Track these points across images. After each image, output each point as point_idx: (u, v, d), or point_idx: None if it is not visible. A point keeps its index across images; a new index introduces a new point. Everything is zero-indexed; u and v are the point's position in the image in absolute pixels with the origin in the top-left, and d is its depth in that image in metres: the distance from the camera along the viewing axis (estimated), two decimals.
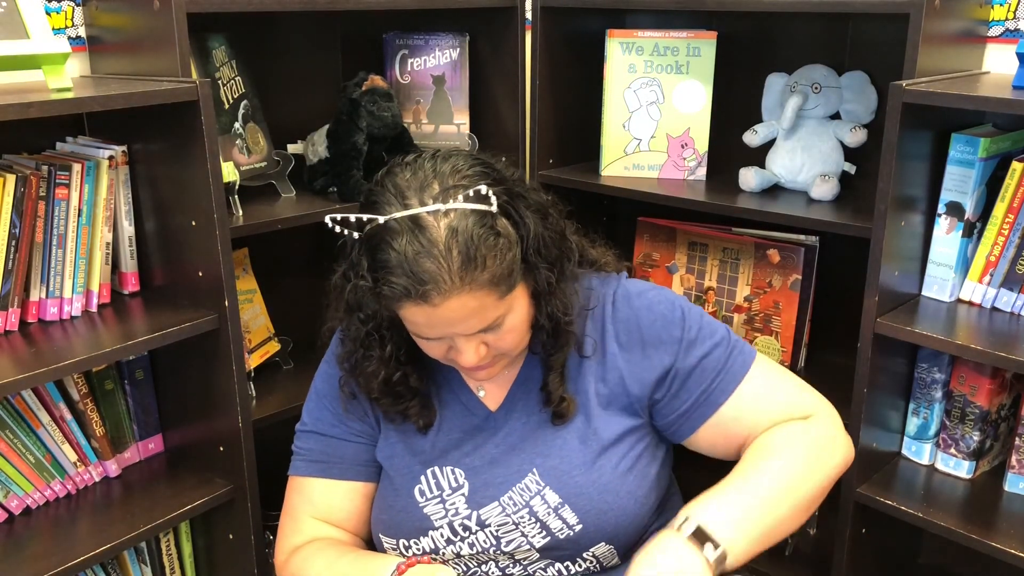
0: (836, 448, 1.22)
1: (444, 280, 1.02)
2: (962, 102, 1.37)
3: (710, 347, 1.23)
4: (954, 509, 1.52)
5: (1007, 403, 1.60)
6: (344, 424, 1.28)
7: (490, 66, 2.02)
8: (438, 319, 1.06)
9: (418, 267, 1.02)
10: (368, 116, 1.76)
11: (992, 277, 1.53)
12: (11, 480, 1.48)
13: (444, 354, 1.15)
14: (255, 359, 1.82)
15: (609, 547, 1.21)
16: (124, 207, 1.56)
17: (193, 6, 1.43)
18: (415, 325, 1.10)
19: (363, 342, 1.19)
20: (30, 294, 1.46)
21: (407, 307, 1.06)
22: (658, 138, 1.95)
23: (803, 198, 1.79)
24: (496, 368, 1.19)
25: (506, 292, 1.08)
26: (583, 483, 1.18)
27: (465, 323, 1.07)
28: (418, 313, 1.06)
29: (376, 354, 1.19)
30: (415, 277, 1.02)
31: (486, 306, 1.07)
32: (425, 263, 1.02)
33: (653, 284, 1.31)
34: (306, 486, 1.29)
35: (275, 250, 1.93)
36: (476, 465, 1.22)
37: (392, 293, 1.04)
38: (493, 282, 1.05)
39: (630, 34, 1.92)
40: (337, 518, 1.29)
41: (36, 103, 1.24)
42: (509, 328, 1.12)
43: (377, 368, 1.20)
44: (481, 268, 1.03)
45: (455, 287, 1.02)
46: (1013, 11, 1.61)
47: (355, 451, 1.28)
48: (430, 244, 1.02)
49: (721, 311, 1.92)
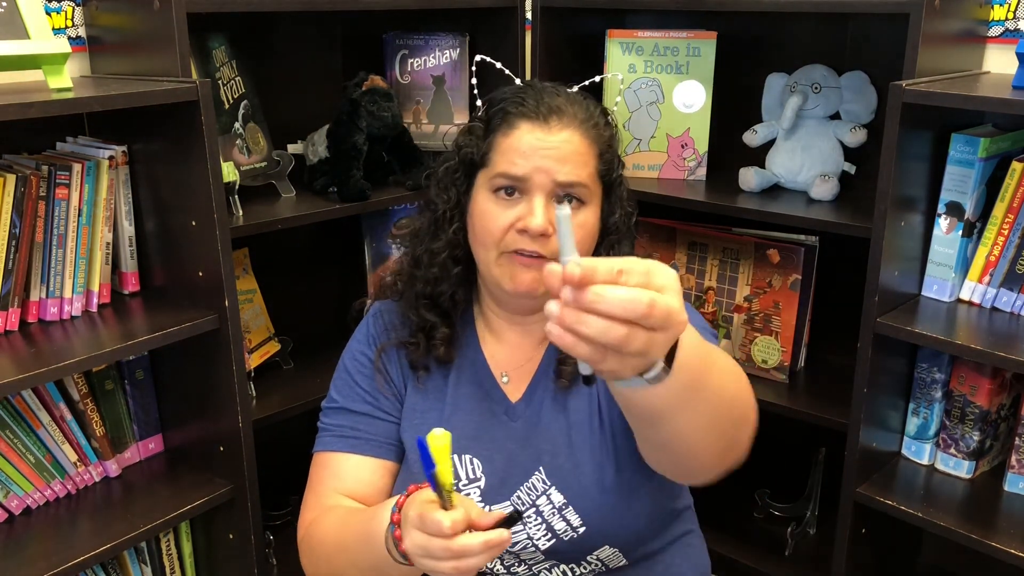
0: (752, 400, 1.02)
1: (568, 112, 1.16)
2: (962, 102, 1.37)
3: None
4: (954, 509, 1.52)
5: (1007, 403, 1.60)
6: (374, 402, 1.27)
7: (490, 66, 2.01)
8: (544, 144, 1.14)
9: (550, 98, 1.17)
10: (368, 116, 1.76)
11: (992, 277, 1.53)
12: (11, 480, 1.48)
13: (508, 225, 1.15)
14: (255, 359, 1.82)
15: (614, 550, 1.20)
16: (124, 207, 1.56)
17: (193, 6, 1.43)
18: (514, 152, 1.15)
19: (438, 222, 1.24)
20: (30, 294, 1.46)
21: (521, 126, 1.16)
22: (658, 138, 1.95)
23: (803, 198, 1.79)
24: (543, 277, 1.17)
25: (600, 170, 1.18)
26: (587, 484, 1.18)
27: (563, 162, 1.14)
28: (528, 134, 1.15)
29: (444, 235, 1.23)
30: (544, 102, 1.16)
31: (585, 160, 1.16)
32: (555, 98, 1.17)
33: None
34: (334, 461, 1.27)
35: (275, 250, 1.93)
36: (493, 458, 1.22)
37: (515, 111, 1.16)
38: (599, 143, 1.18)
39: (630, 34, 1.92)
40: (363, 493, 1.26)
41: (36, 103, 1.24)
42: (582, 221, 1.17)
43: (443, 246, 1.23)
44: (594, 127, 1.18)
45: (575, 122, 1.16)
46: (1013, 11, 1.61)
47: (385, 429, 1.27)
48: (563, 93, 1.19)
49: (721, 311, 1.92)
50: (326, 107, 1.90)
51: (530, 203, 1.14)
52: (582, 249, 1.18)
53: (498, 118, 1.18)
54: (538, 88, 1.20)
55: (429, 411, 1.26)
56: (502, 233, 1.16)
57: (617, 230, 1.23)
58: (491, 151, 1.18)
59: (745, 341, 1.89)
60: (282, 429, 1.71)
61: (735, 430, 0.97)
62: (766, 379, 1.86)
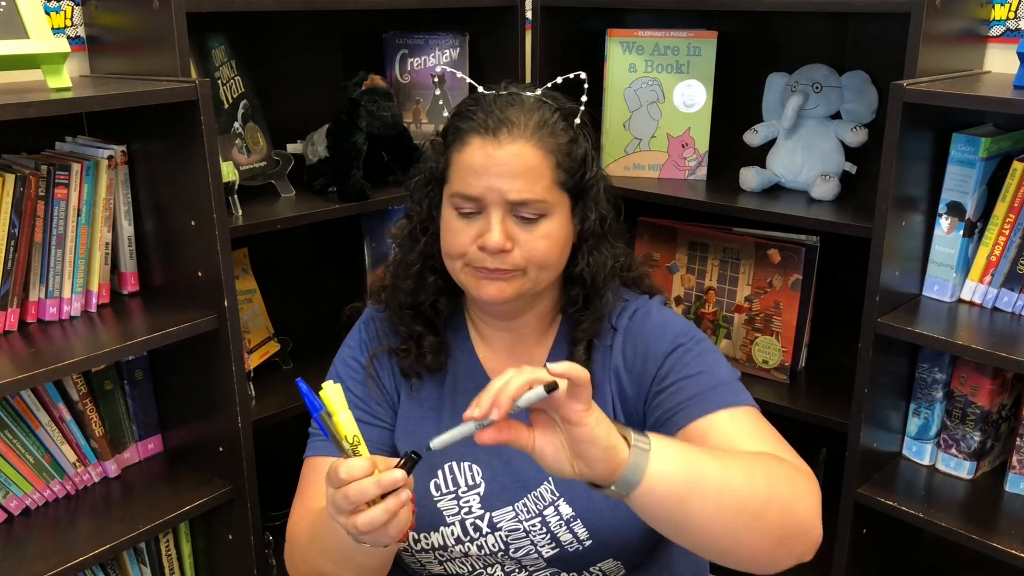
0: (801, 503, 1.02)
1: (519, 124, 1.13)
2: (963, 102, 1.36)
3: (696, 371, 1.16)
4: (955, 509, 1.51)
5: (1008, 403, 1.60)
6: (367, 408, 1.27)
7: (490, 66, 2.02)
8: (494, 161, 1.11)
9: (501, 110, 1.14)
10: (368, 116, 1.76)
11: (993, 277, 1.52)
12: (10, 480, 1.48)
13: (469, 241, 1.14)
14: (255, 359, 1.82)
15: (616, 562, 1.20)
16: (123, 207, 1.56)
17: (193, 6, 1.43)
18: (467, 171, 1.13)
19: (413, 233, 1.25)
20: (29, 294, 1.45)
21: (472, 142, 1.13)
22: (658, 138, 1.95)
23: (803, 198, 1.79)
24: (509, 288, 1.15)
25: (559, 179, 1.14)
26: (597, 498, 1.16)
27: (514, 179, 1.11)
28: (479, 151, 1.12)
29: (419, 246, 1.24)
30: (494, 115, 1.13)
31: (539, 173, 1.13)
32: (509, 110, 1.14)
33: (680, 316, 1.28)
34: (324, 466, 1.25)
35: (275, 250, 1.93)
36: (492, 464, 1.21)
37: (467, 126, 1.14)
38: (555, 153, 1.14)
39: (630, 34, 1.92)
40: None
41: (36, 103, 1.24)
42: (544, 233, 1.14)
43: (416, 258, 1.24)
44: (551, 135, 1.14)
45: (524, 133, 1.12)
46: (1013, 11, 1.61)
47: (378, 435, 1.26)
48: (517, 103, 1.15)
49: (721, 311, 1.92)
50: (326, 107, 1.90)
51: (488, 219, 1.13)
52: (552, 260, 1.17)
53: (452, 133, 1.17)
54: (491, 98, 1.16)
55: (424, 419, 1.25)
56: (464, 248, 1.15)
57: (593, 234, 1.20)
58: (448, 167, 1.17)
59: (746, 341, 1.89)
60: (282, 429, 1.70)
61: (760, 523, 0.97)
62: (766, 379, 1.86)
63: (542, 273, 1.17)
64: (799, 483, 1.03)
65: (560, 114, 1.16)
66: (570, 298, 1.22)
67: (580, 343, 1.22)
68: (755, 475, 0.99)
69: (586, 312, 1.22)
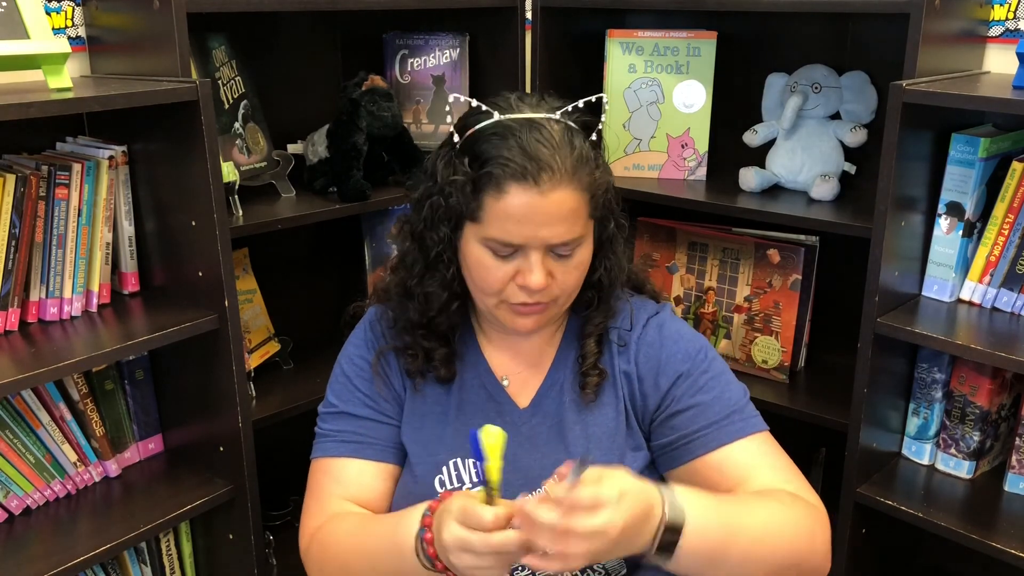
0: (817, 546, 1.13)
1: (557, 167, 1.08)
2: (962, 102, 1.37)
3: (711, 396, 1.20)
4: (954, 509, 1.52)
5: (1007, 403, 1.60)
6: (375, 405, 1.27)
7: (490, 66, 2.02)
8: (537, 211, 1.08)
9: (535, 151, 1.08)
10: (368, 116, 1.76)
11: (992, 277, 1.53)
12: (11, 480, 1.48)
13: (506, 279, 1.14)
14: (255, 359, 1.82)
15: (619, 560, 1.20)
16: (124, 207, 1.56)
17: (193, 6, 1.43)
18: (507, 219, 1.10)
19: (431, 263, 1.20)
20: (30, 294, 1.45)
21: (512, 191, 1.08)
22: (658, 138, 1.95)
23: (803, 198, 1.79)
24: (544, 319, 1.18)
25: (591, 212, 1.14)
26: None
27: (556, 226, 1.10)
28: (520, 200, 1.08)
29: (440, 276, 1.20)
30: (532, 159, 1.07)
31: (579, 214, 1.11)
32: (542, 150, 1.08)
33: (690, 327, 1.30)
34: (336, 467, 1.26)
35: (275, 250, 1.93)
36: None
37: (503, 172, 1.08)
38: (591, 189, 1.12)
39: (630, 34, 1.92)
40: (367, 498, 1.26)
41: (36, 103, 1.24)
42: (577, 262, 1.15)
43: (439, 289, 1.21)
44: (587, 169, 1.11)
45: (565, 178, 1.09)
46: (1013, 11, 1.61)
47: (387, 432, 1.26)
48: (547, 138, 1.09)
49: (721, 311, 1.92)
50: (326, 107, 1.90)
51: (527, 259, 1.12)
52: (580, 283, 1.19)
53: (486, 179, 1.10)
54: (516, 130, 1.10)
55: (430, 415, 1.26)
56: (501, 285, 1.15)
57: (609, 240, 1.22)
58: (481, 210, 1.12)
59: (745, 341, 1.89)
60: (282, 429, 1.71)
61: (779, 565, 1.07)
62: (766, 379, 1.86)
63: (571, 298, 1.20)
64: (816, 526, 1.12)
65: (588, 142, 1.14)
66: (584, 300, 1.24)
67: (591, 337, 1.24)
68: (779, 536, 1.07)
69: (597, 310, 1.24)
